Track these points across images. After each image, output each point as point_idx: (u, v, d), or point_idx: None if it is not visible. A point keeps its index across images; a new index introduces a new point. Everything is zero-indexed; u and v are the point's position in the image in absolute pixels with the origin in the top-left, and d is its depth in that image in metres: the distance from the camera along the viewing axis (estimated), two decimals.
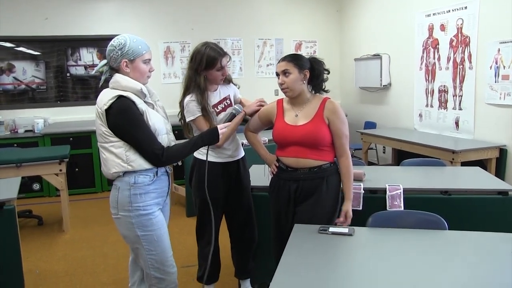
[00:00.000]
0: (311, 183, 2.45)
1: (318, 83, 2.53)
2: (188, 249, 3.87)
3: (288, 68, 2.43)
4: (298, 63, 2.44)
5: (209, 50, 2.60)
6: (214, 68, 2.61)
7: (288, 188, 2.51)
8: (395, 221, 2.33)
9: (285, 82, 2.44)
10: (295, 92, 2.47)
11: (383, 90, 6.60)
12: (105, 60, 2.26)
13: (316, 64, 2.50)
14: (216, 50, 2.62)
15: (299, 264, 1.88)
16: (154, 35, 6.78)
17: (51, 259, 3.94)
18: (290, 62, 2.44)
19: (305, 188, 2.46)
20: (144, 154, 2.16)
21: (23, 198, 5.61)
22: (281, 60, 2.50)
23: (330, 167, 2.48)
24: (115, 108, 2.11)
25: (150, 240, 2.23)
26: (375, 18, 6.73)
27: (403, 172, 3.43)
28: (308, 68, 2.47)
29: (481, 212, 2.82)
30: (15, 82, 6.44)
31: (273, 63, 7.44)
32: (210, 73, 2.63)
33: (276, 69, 2.54)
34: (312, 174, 2.45)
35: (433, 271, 1.79)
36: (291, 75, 2.43)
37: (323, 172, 2.46)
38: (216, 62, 2.59)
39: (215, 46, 2.64)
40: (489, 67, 4.66)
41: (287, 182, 2.52)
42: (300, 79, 2.44)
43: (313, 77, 2.50)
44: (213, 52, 2.60)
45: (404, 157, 4.14)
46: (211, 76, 2.65)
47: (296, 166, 2.47)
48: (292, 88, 2.44)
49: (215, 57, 2.59)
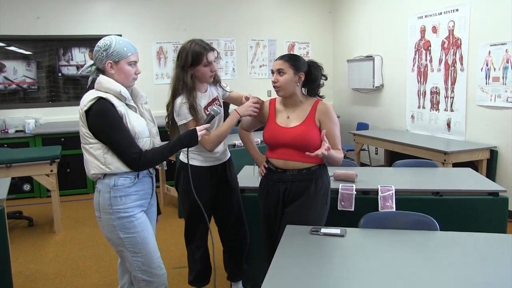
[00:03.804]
0: (300, 185, 2.44)
1: (313, 87, 2.52)
2: (180, 250, 3.84)
3: (284, 68, 2.41)
4: (295, 64, 2.42)
5: (194, 46, 2.53)
6: (200, 63, 2.53)
7: (277, 189, 2.50)
8: (387, 222, 2.33)
9: (278, 80, 2.43)
10: (286, 93, 2.45)
11: (376, 92, 6.63)
12: (92, 61, 2.24)
13: (314, 69, 2.48)
14: (202, 45, 2.54)
15: (290, 265, 1.88)
16: (146, 35, 6.77)
17: (41, 260, 3.90)
18: (287, 62, 2.42)
19: (294, 189, 2.45)
20: (121, 157, 2.14)
21: (13, 199, 5.56)
22: (278, 58, 2.47)
23: (319, 169, 2.48)
24: (94, 110, 2.10)
25: (133, 243, 2.22)
26: (367, 19, 6.75)
27: (395, 173, 3.45)
28: (305, 71, 2.45)
29: (472, 213, 2.84)
30: (6, 82, 6.39)
31: (266, 64, 7.45)
32: (197, 69, 2.55)
33: (272, 66, 2.52)
34: (301, 175, 2.44)
35: (425, 271, 1.80)
36: (285, 75, 2.41)
37: (312, 174, 2.45)
38: (202, 57, 2.52)
39: (201, 42, 2.57)
40: (480, 69, 4.69)
41: (276, 183, 2.51)
42: (294, 81, 2.43)
43: (308, 81, 2.49)
44: (199, 48, 2.52)
45: (396, 158, 4.16)
46: (199, 72, 2.57)
47: (285, 167, 2.47)
48: (284, 88, 2.43)
49: (201, 52, 2.51)
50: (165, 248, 3.70)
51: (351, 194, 2.84)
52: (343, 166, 2.93)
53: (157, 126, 2.40)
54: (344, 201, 2.84)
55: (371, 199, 2.85)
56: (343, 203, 2.84)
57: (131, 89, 2.29)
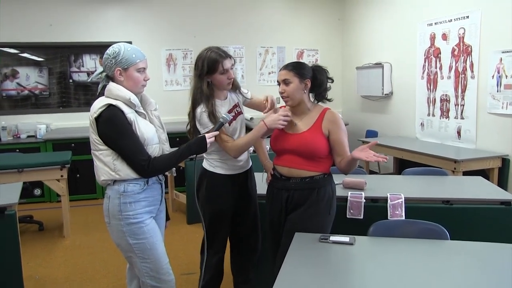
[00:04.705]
0: (302, 193, 2.43)
1: (320, 92, 2.52)
2: (189, 257, 3.85)
3: (289, 78, 2.41)
4: (300, 72, 2.42)
5: (210, 54, 2.51)
6: (217, 71, 2.51)
7: (281, 197, 2.50)
8: (396, 230, 2.32)
9: (285, 91, 2.43)
10: (295, 101, 2.46)
11: (385, 99, 6.61)
12: (102, 68, 2.26)
13: (319, 74, 2.48)
14: (218, 53, 2.52)
15: (299, 273, 1.87)
16: (156, 42, 6.82)
17: (51, 264, 3.93)
18: (291, 71, 2.42)
19: (296, 198, 2.45)
20: (130, 164, 2.16)
21: (24, 204, 5.61)
22: (282, 68, 2.48)
23: (323, 178, 2.46)
24: (103, 117, 2.12)
25: (142, 249, 2.23)
26: (377, 26, 6.74)
27: (404, 181, 3.43)
28: (310, 77, 2.45)
29: (483, 222, 2.81)
30: (19, 88, 6.47)
31: (275, 71, 7.45)
32: (213, 77, 2.54)
33: (277, 77, 2.52)
34: (303, 184, 2.43)
35: (434, 281, 1.78)
36: (291, 84, 2.41)
37: (315, 183, 2.43)
38: (218, 65, 2.49)
39: (217, 50, 2.55)
40: (491, 77, 4.65)
41: (280, 191, 2.51)
42: (300, 89, 2.43)
43: (314, 86, 2.49)
44: (214, 55, 2.51)
45: (405, 166, 4.14)
46: (215, 80, 2.55)
47: (288, 175, 2.47)
48: (292, 97, 2.43)
49: (216, 60, 2.49)
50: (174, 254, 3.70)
51: (360, 202, 2.83)
52: (352, 174, 2.91)
53: (166, 133, 2.41)
54: (353, 209, 2.83)
55: (380, 207, 2.83)
56: (352, 211, 2.83)
57: (140, 96, 2.31)
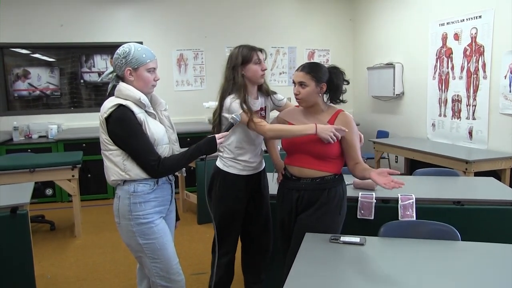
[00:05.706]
0: (312, 194, 2.42)
1: (335, 94, 2.50)
2: (199, 257, 3.86)
3: (305, 81, 2.38)
4: (316, 76, 2.39)
5: (243, 48, 2.59)
6: (251, 61, 2.56)
7: (291, 197, 2.49)
8: (407, 231, 2.31)
9: (300, 93, 2.41)
10: (309, 103, 2.45)
11: (396, 99, 6.57)
12: (112, 68, 2.27)
13: (335, 77, 2.45)
14: (250, 46, 2.60)
15: (309, 273, 1.86)
16: (167, 42, 6.84)
17: (62, 264, 3.96)
18: (308, 73, 2.39)
19: (306, 198, 2.44)
20: (140, 164, 2.16)
21: (36, 203, 5.66)
22: (300, 69, 2.44)
23: (334, 178, 2.45)
24: (113, 117, 2.13)
25: (152, 249, 2.23)
26: (388, 27, 6.71)
27: (415, 182, 3.40)
28: (326, 81, 2.43)
29: (495, 223, 2.78)
30: (30, 88, 6.54)
31: (286, 71, 7.45)
32: (247, 68, 2.56)
33: (293, 77, 2.50)
34: (314, 184, 2.42)
35: (445, 282, 1.77)
36: (307, 87, 2.39)
37: (326, 183, 2.43)
38: (252, 55, 2.56)
39: (248, 45, 2.63)
40: (503, 77, 4.61)
41: (290, 191, 2.50)
42: (316, 92, 2.41)
43: (330, 90, 2.47)
44: (248, 48, 2.59)
45: (416, 167, 4.11)
46: (250, 72, 2.57)
47: (299, 175, 2.46)
48: (307, 100, 2.43)
49: (250, 50, 2.57)
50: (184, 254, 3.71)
51: (370, 203, 2.81)
52: None
53: (176, 133, 2.42)
54: (363, 210, 2.82)
55: (391, 207, 2.82)
56: (363, 212, 2.82)
57: (150, 96, 2.32)
